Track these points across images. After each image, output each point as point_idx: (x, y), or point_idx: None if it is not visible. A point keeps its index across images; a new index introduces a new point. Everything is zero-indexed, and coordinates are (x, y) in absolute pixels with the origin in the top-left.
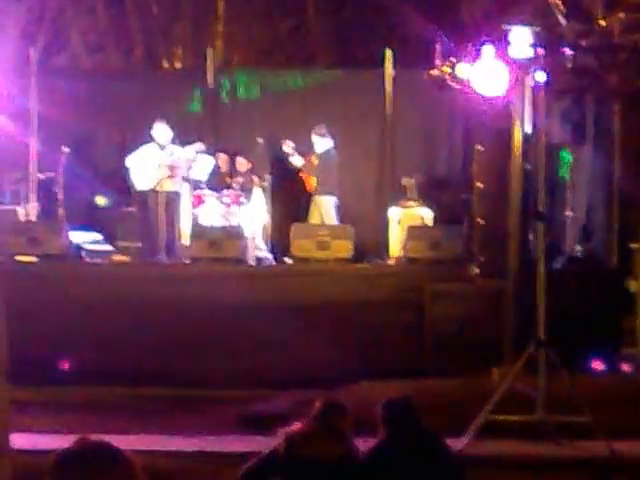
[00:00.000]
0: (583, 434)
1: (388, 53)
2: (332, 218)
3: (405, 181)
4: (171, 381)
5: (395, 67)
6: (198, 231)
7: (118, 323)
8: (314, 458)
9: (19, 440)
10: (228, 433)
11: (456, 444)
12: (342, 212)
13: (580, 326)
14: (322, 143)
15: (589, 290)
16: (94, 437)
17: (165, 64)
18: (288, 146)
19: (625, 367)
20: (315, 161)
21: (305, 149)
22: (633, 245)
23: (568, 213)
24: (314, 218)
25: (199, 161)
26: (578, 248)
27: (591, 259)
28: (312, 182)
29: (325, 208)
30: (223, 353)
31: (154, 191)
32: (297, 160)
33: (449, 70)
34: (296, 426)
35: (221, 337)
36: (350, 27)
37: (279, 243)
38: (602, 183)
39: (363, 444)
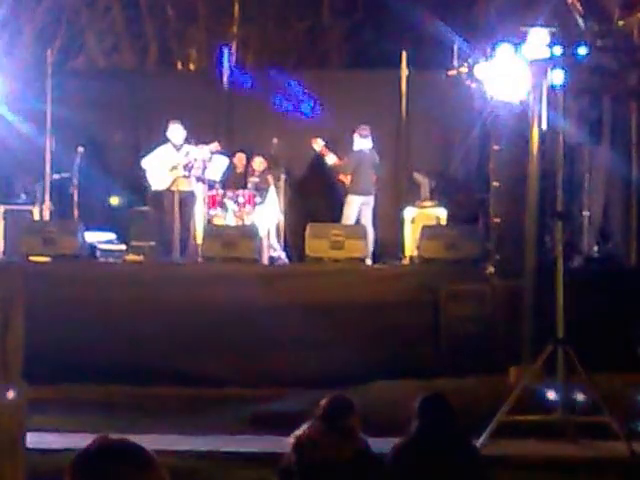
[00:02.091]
0: (603, 434)
1: (403, 54)
2: (351, 218)
3: (417, 177)
4: (184, 380)
5: (410, 68)
6: (212, 231)
7: (132, 322)
8: (325, 460)
9: (33, 439)
10: (242, 433)
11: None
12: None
13: (598, 326)
14: (361, 143)
15: (607, 290)
16: (115, 436)
17: (179, 65)
18: (318, 144)
19: None
20: (345, 160)
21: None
22: None
23: (585, 213)
24: (346, 218)
25: (214, 161)
26: (596, 248)
27: (609, 259)
28: (346, 180)
29: (350, 207)
30: (236, 352)
31: (169, 191)
32: (330, 158)
33: (466, 70)
34: (303, 429)
35: (234, 336)
36: (364, 28)
37: (293, 243)
38: (619, 183)
39: (380, 443)
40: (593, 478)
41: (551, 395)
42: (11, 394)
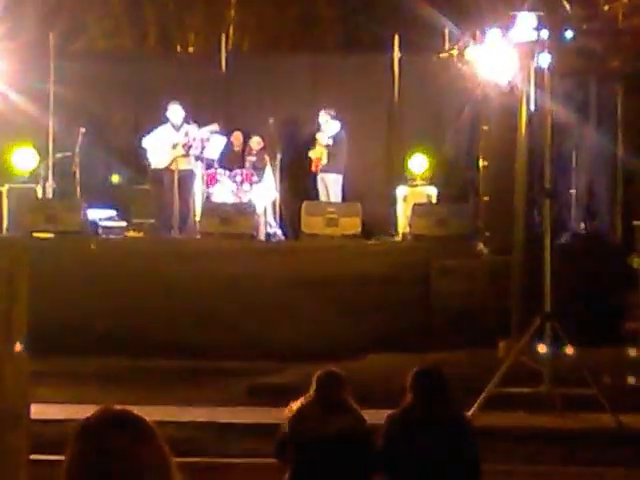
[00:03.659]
0: (589, 406)
1: (395, 37)
2: (338, 196)
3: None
4: (183, 353)
5: (402, 51)
6: (210, 208)
7: (132, 296)
8: (317, 433)
9: (36, 410)
10: (239, 404)
11: None
12: (351, 190)
13: (584, 301)
14: (333, 124)
15: (593, 266)
16: (117, 406)
17: (179, 48)
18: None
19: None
20: (325, 141)
21: (309, 129)
22: (636, 222)
23: (572, 191)
24: (322, 196)
25: (212, 141)
26: (582, 225)
27: (595, 236)
28: (320, 161)
29: (333, 186)
30: (234, 326)
31: (169, 170)
32: (321, 136)
33: (456, 53)
34: (296, 403)
35: (232, 310)
36: (357, 12)
37: (289, 220)
38: (606, 161)
39: (373, 415)
40: (580, 449)
41: (539, 368)
42: (17, 348)
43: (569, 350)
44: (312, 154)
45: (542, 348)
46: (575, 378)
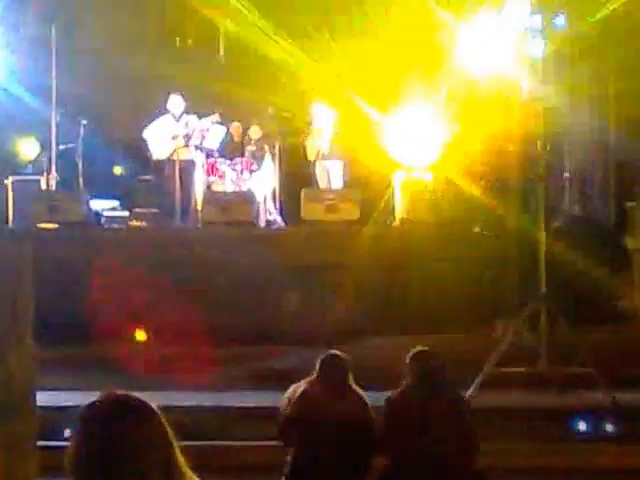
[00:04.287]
0: (585, 384)
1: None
2: (340, 182)
3: None
4: (186, 339)
5: None
6: (211, 197)
7: (135, 284)
8: (321, 416)
9: (42, 397)
10: (243, 389)
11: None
12: (349, 176)
13: (579, 281)
14: (328, 113)
15: (587, 247)
16: (120, 391)
17: (178, 40)
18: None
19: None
20: (322, 129)
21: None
22: (629, 204)
23: (566, 175)
24: (322, 183)
25: (212, 131)
26: (576, 208)
27: (589, 218)
28: (318, 148)
29: (335, 173)
30: (236, 311)
31: (170, 160)
32: (317, 124)
33: (449, 40)
34: (299, 385)
35: (234, 296)
36: None
37: (289, 207)
38: (598, 145)
39: (374, 397)
40: (576, 425)
41: (535, 347)
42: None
43: (564, 330)
44: (310, 143)
45: (538, 328)
46: (571, 357)
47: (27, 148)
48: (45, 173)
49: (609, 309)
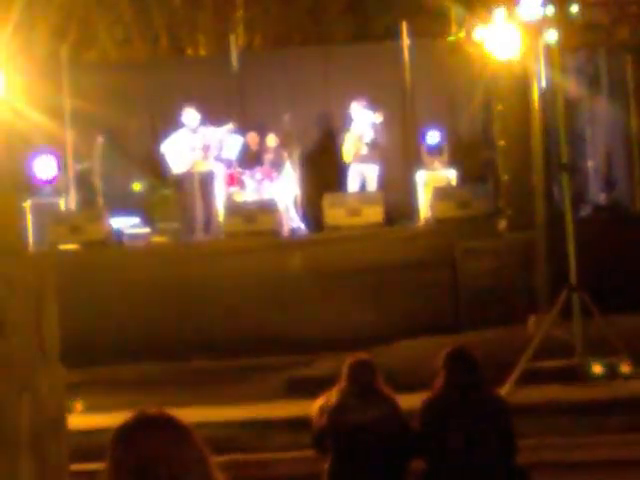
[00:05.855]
0: (622, 374)
1: (403, 24)
2: (375, 185)
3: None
4: (217, 353)
5: (411, 37)
6: (232, 207)
7: (162, 300)
8: (354, 422)
9: (74, 420)
10: (275, 399)
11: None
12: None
13: (609, 270)
14: (366, 114)
15: (615, 236)
16: (153, 409)
17: (190, 51)
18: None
19: None
20: (361, 131)
21: (325, 122)
22: None
23: (590, 163)
24: (354, 186)
25: (229, 141)
26: (602, 197)
27: (615, 206)
28: (353, 150)
29: (371, 176)
30: (264, 322)
31: (189, 173)
32: (355, 127)
33: (464, 36)
34: (330, 394)
35: (261, 306)
36: (365, 2)
37: (311, 213)
38: (620, 132)
39: (406, 401)
40: (615, 418)
41: (570, 340)
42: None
43: (597, 319)
44: (348, 145)
45: (571, 320)
46: (606, 347)
47: (44, 169)
48: (64, 193)
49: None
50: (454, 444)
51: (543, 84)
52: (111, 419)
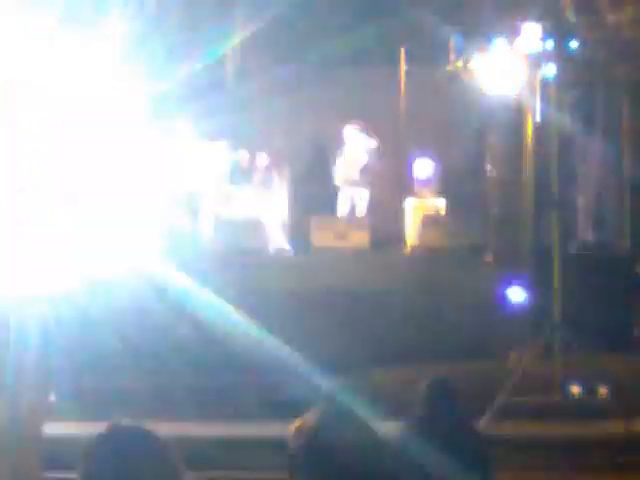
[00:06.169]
0: (601, 414)
1: (402, 50)
2: (364, 210)
3: None
4: (199, 371)
5: (408, 63)
6: (221, 225)
7: (144, 325)
8: (333, 446)
9: (48, 428)
10: (253, 419)
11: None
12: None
13: (594, 309)
14: (361, 138)
15: (602, 274)
16: (126, 421)
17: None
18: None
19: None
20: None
21: (321, 144)
22: None
23: (579, 201)
24: (343, 210)
25: (220, 158)
26: (590, 234)
27: (603, 244)
28: (345, 173)
29: (362, 200)
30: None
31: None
32: (350, 150)
33: (461, 65)
34: (306, 418)
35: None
36: (363, 26)
37: (298, 234)
38: (612, 171)
39: (383, 427)
40: (593, 457)
41: (550, 377)
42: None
43: (579, 359)
44: (340, 168)
45: (552, 358)
46: (586, 386)
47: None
48: None
49: (625, 337)
50: (431, 475)
51: (538, 118)
52: (87, 428)
